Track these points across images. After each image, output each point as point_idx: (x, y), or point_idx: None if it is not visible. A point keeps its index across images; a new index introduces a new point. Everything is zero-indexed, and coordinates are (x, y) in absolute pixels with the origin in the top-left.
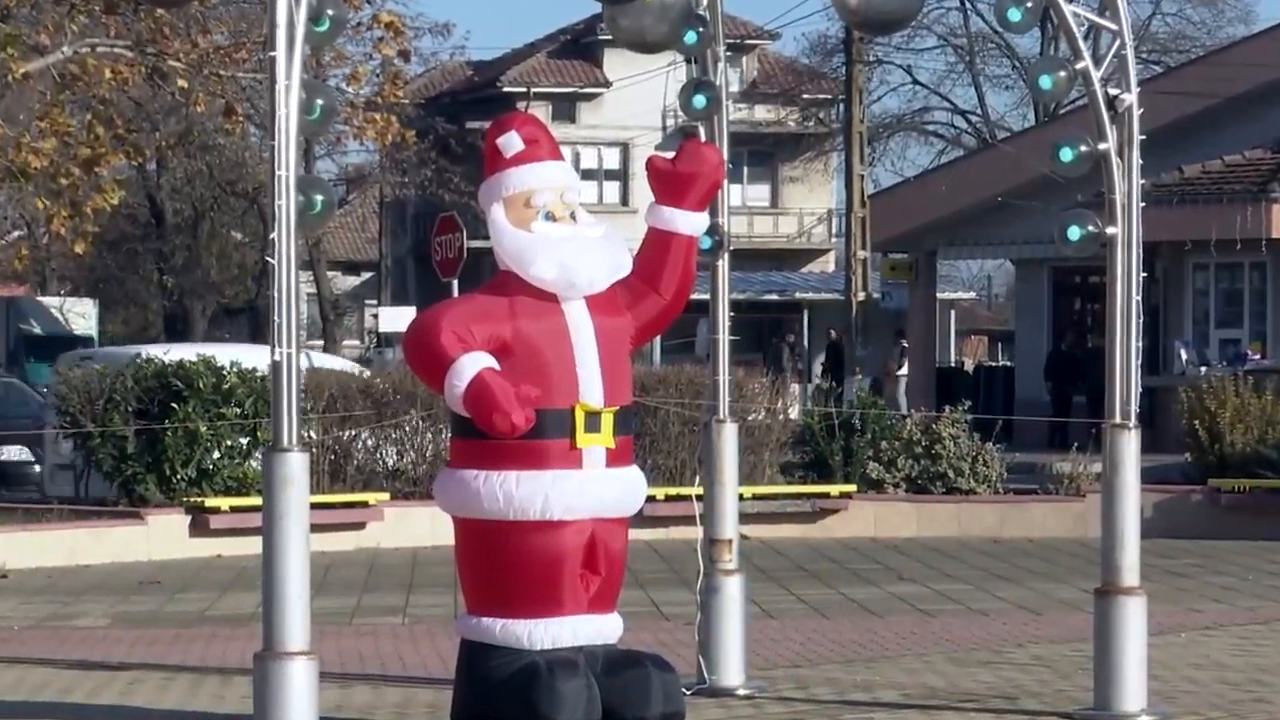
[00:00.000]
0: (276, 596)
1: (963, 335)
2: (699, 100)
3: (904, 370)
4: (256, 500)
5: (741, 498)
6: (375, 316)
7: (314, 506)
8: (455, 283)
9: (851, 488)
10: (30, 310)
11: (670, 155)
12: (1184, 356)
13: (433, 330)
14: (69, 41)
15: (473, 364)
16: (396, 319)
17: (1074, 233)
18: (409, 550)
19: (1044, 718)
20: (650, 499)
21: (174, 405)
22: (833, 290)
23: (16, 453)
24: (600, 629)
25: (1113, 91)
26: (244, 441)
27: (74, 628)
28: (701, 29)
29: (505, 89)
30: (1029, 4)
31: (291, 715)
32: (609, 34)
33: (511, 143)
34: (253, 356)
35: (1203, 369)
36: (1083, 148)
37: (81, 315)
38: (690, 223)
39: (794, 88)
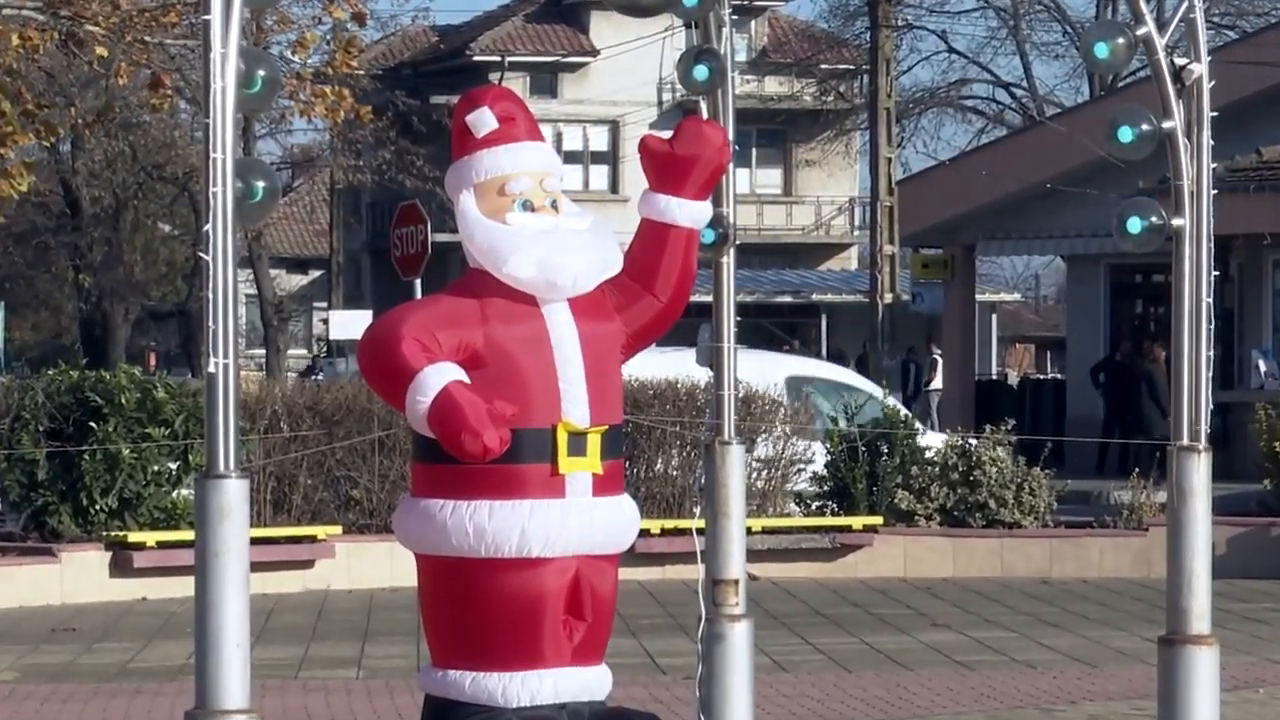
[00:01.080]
0: (211, 646)
1: (1006, 343)
2: (700, 71)
3: (937, 383)
4: (188, 534)
5: (749, 531)
6: (325, 321)
7: (254, 541)
8: (418, 282)
9: (877, 520)
10: None
11: (667, 135)
12: (1262, 368)
13: (392, 338)
14: None
15: (438, 377)
16: (350, 324)
17: (1134, 224)
18: (364, 592)
19: None
20: (644, 533)
21: (92, 424)
22: (855, 291)
23: None
24: (586, 683)
25: (1179, 61)
26: (173, 466)
27: None
28: None
29: (476, 58)
30: None
31: None
32: None
33: (483, 121)
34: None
35: None
36: (1144, 126)
37: None
38: (690, 213)
39: (810, 56)
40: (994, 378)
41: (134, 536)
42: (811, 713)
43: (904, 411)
